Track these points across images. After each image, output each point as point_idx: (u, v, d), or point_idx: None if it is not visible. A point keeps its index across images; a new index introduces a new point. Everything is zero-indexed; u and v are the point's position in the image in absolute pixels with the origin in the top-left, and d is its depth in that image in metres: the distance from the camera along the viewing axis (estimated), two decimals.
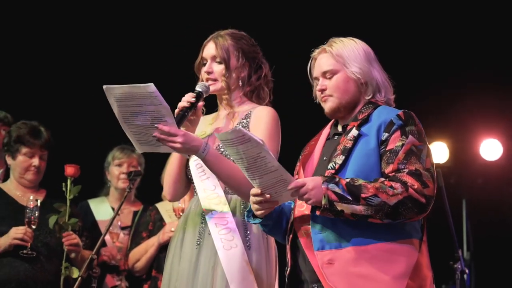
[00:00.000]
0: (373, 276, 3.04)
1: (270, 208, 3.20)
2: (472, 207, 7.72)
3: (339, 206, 3.03)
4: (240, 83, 3.76)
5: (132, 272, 5.32)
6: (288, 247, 3.29)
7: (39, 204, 4.64)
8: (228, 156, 3.53)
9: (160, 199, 5.40)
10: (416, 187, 3.04)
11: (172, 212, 5.06)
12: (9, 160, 4.90)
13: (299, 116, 3.85)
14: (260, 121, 3.67)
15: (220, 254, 3.57)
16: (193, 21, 6.59)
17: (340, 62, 3.28)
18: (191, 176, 3.74)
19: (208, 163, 3.49)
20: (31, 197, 4.65)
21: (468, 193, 7.70)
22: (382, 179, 3.08)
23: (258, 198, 3.14)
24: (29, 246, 4.60)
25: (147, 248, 5.24)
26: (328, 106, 3.31)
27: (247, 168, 3.07)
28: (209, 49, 3.76)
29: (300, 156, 3.43)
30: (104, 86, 3.30)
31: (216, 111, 3.87)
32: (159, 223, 5.29)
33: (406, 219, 3.08)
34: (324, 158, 3.27)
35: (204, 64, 3.77)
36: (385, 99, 3.32)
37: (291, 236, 3.27)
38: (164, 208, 5.29)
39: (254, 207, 3.20)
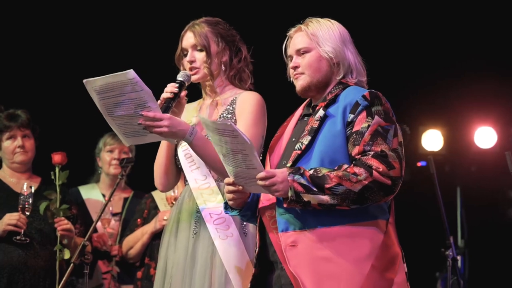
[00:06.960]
0: (335, 259, 3.04)
1: (242, 198, 3.22)
2: (466, 195, 7.72)
3: (306, 197, 3.02)
4: (223, 67, 3.76)
5: (126, 259, 5.33)
6: (257, 229, 3.29)
7: (33, 191, 4.66)
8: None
9: (151, 186, 5.41)
10: (381, 169, 3.03)
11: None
12: None
13: (281, 98, 3.81)
14: (245, 106, 3.68)
15: (217, 244, 3.59)
16: (170, 11, 6.59)
17: (314, 41, 3.28)
18: (181, 166, 3.74)
19: (196, 147, 3.49)
20: (26, 184, 4.67)
21: (462, 181, 7.71)
22: (346, 166, 3.07)
23: (231, 188, 3.16)
24: (22, 232, 4.62)
25: (140, 235, 5.25)
26: (299, 84, 3.31)
27: (224, 154, 3.07)
28: (188, 38, 3.76)
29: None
30: (84, 80, 3.28)
31: (200, 98, 3.86)
32: (154, 211, 5.29)
33: (374, 203, 3.08)
34: (293, 139, 3.27)
35: (185, 55, 3.77)
36: (356, 81, 3.32)
37: (259, 218, 3.27)
38: (160, 196, 5.28)
39: (228, 196, 3.22)
